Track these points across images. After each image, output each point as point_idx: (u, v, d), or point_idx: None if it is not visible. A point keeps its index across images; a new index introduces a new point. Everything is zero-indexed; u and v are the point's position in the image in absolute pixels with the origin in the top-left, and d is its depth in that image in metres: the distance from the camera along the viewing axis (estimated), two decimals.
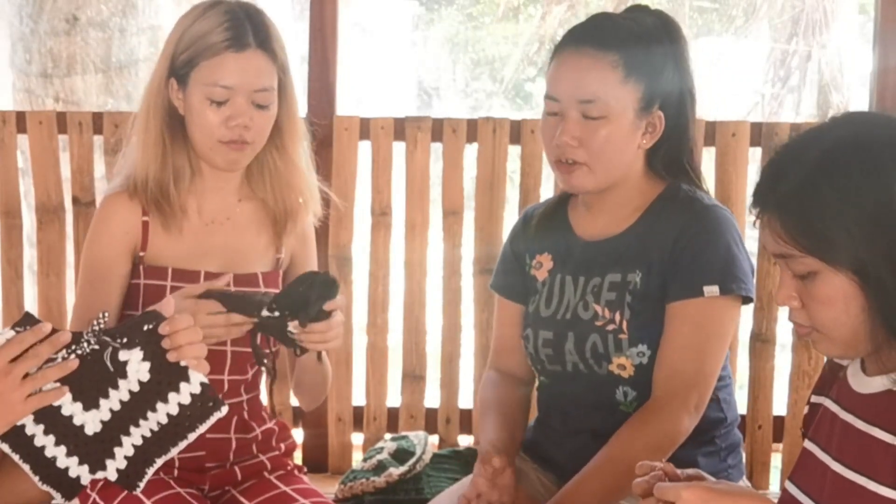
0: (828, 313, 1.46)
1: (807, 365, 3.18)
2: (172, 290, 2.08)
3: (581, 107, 1.99)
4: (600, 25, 2.06)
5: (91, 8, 4.67)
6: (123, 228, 2.13)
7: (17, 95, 4.83)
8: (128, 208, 2.13)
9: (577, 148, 2.01)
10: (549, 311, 2.12)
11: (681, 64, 2.06)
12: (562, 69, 2.03)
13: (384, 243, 3.22)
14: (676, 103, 2.05)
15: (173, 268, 2.13)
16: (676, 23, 2.09)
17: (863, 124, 1.49)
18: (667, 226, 2.03)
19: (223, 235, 2.19)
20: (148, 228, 2.14)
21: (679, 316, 1.99)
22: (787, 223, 1.45)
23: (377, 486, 2.58)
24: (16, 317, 3.29)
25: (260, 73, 2.09)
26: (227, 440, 2.19)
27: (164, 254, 2.14)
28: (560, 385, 2.13)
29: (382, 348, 3.26)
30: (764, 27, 9.81)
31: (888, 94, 3.16)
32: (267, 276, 2.20)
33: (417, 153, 3.20)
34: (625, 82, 1.99)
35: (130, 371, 1.66)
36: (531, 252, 2.19)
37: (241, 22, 2.08)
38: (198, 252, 2.16)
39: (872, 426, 1.45)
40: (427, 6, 11.27)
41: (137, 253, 2.14)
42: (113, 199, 2.15)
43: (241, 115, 2.07)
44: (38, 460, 1.67)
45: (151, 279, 2.13)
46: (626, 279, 2.04)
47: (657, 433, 1.95)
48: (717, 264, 1.99)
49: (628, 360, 2.03)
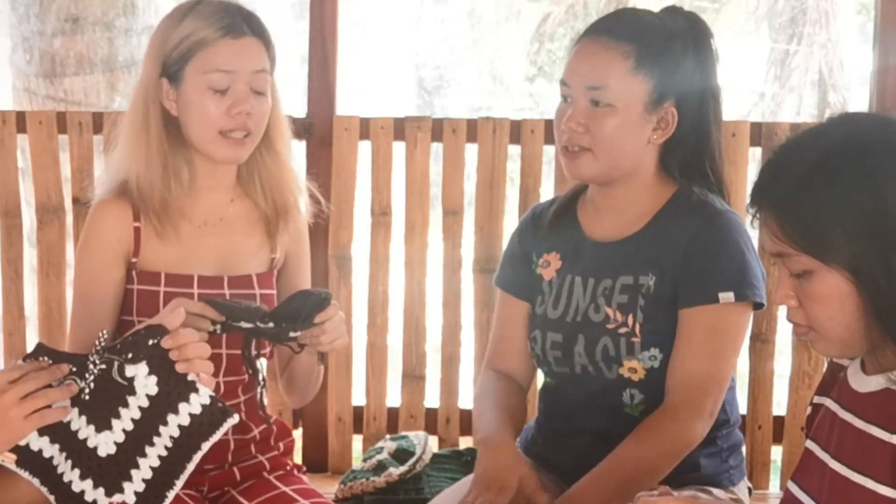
0: (824, 312, 1.47)
1: (807, 365, 3.18)
2: (165, 295, 2.08)
3: (589, 93, 2.00)
4: (621, 17, 2.09)
5: (91, 8, 4.66)
6: (116, 236, 2.11)
7: (17, 95, 4.83)
8: (119, 215, 2.11)
9: (584, 134, 2.00)
10: (557, 312, 2.10)
11: (705, 67, 2.04)
12: (577, 56, 2.04)
13: (384, 243, 3.22)
14: (697, 105, 2.04)
15: (166, 272, 2.11)
16: (707, 27, 2.07)
17: (860, 125, 1.50)
18: (679, 230, 2.02)
19: (216, 237, 2.17)
20: (140, 234, 2.12)
21: (693, 322, 1.99)
22: (783, 222, 1.46)
23: (377, 486, 2.58)
24: (16, 317, 3.31)
25: (258, 56, 2.10)
26: (226, 441, 2.18)
27: (157, 258, 2.13)
28: (566, 387, 2.12)
29: (382, 348, 3.26)
30: (764, 27, 9.82)
31: (888, 94, 3.16)
32: (261, 276, 2.19)
33: (417, 153, 3.20)
34: (635, 73, 1.99)
35: (138, 386, 1.66)
36: (539, 250, 2.18)
37: (235, 13, 2.10)
38: (191, 255, 2.14)
39: (870, 424, 1.46)
40: (427, 6, 11.27)
41: (130, 259, 2.13)
42: (103, 207, 2.13)
43: (243, 101, 2.07)
44: (55, 484, 1.67)
45: (144, 285, 2.12)
46: (639, 282, 2.03)
47: (670, 439, 1.95)
48: (732, 270, 1.99)
49: (640, 363, 2.02)
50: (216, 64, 2.06)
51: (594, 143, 2.00)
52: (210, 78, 2.06)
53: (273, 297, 2.20)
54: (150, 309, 2.08)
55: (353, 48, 8.69)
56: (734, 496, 2.08)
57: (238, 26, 2.09)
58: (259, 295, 2.17)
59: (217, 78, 2.06)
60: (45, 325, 3.28)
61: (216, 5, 2.11)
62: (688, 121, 2.03)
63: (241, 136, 2.08)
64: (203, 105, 2.07)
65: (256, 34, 2.11)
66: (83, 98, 4.71)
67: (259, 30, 2.12)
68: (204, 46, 2.07)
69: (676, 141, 2.04)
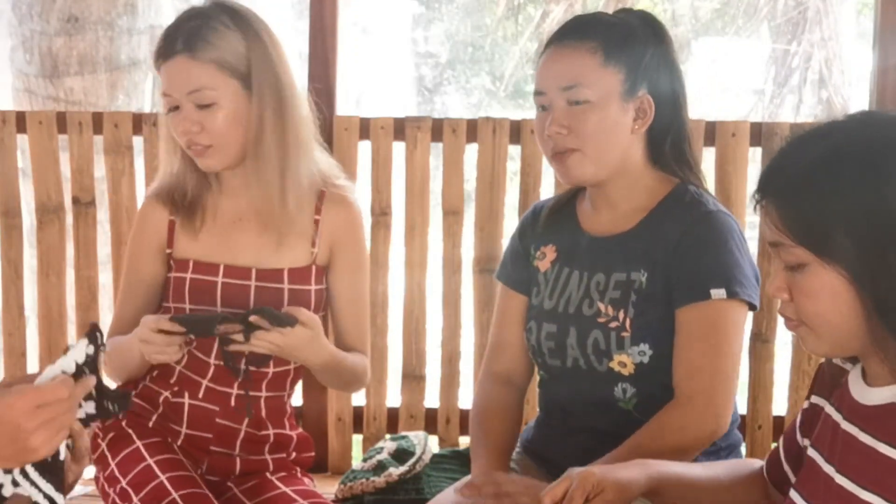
0: (813, 307, 1.46)
1: (807, 365, 3.18)
2: (192, 282, 2.23)
3: (565, 94, 2.04)
4: (580, 20, 2.15)
5: (91, 8, 4.66)
6: (154, 230, 2.29)
7: (17, 95, 4.83)
8: (154, 210, 2.29)
9: (568, 135, 2.04)
10: (552, 303, 2.13)
11: (666, 56, 2.09)
12: (546, 63, 2.09)
13: (384, 243, 3.22)
14: (669, 93, 2.08)
15: (194, 260, 2.25)
16: (661, 24, 2.13)
17: (875, 124, 1.49)
18: (670, 227, 2.04)
19: (251, 231, 2.25)
20: (174, 227, 2.28)
21: (689, 320, 2.00)
22: (783, 211, 1.46)
23: (377, 486, 2.58)
24: (16, 317, 3.30)
25: (189, 76, 2.13)
26: (236, 430, 2.21)
27: (189, 249, 2.27)
28: (559, 381, 2.14)
29: (382, 348, 3.26)
30: (764, 27, 9.82)
31: (888, 93, 3.16)
32: (295, 271, 2.23)
33: (417, 153, 3.20)
34: (605, 65, 2.03)
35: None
36: (536, 244, 2.21)
37: (173, 30, 2.16)
38: (221, 246, 2.25)
39: (879, 441, 1.44)
40: (427, 5, 11.27)
41: (165, 250, 2.28)
42: (144, 206, 2.34)
43: (184, 120, 2.15)
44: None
45: (176, 272, 2.25)
46: (631, 278, 2.05)
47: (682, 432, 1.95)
48: (722, 268, 2.00)
49: (629, 357, 2.03)
50: (163, 88, 2.17)
51: (580, 143, 2.03)
52: (164, 100, 2.18)
53: (307, 294, 2.23)
54: (178, 295, 2.23)
55: (353, 48, 8.69)
56: None
57: (171, 46, 2.15)
58: (287, 290, 2.21)
59: (164, 101, 2.18)
60: (45, 325, 3.28)
61: (170, 25, 2.19)
62: (664, 109, 2.07)
63: (199, 149, 2.17)
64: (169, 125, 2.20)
65: (189, 49, 2.12)
66: (83, 98, 4.70)
67: (192, 43, 2.12)
68: (158, 73, 2.19)
69: (659, 131, 2.08)
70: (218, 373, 2.22)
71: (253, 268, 2.22)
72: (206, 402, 2.23)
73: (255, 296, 2.20)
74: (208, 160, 2.18)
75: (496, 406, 2.19)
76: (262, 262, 2.23)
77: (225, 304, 2.20)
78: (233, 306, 2.19)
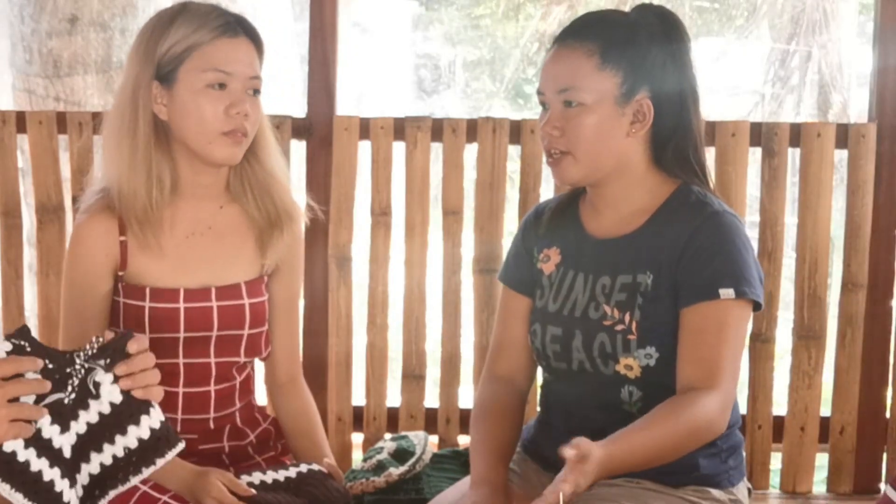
0: None
1: (807, 365, 3.18)
2: (151, 310, 2.08)
3: (561, 96, 2.04)
4: (586, 19, 2.13)
5: (91, 8, 4.67)
6: (103, 251, 2.10)
7: (17, 95, 4.83)
8: (106, 228, 2.10)
9: (560, 137, 2.04)
10: (556, 306, 2.12)
11: (677, 57, 2.06)
12: (547, 64, 2.09)
13: (384, 243, 3.22)
14: (674, 95, 2.06)
15: (151, 287, 2.10)
16: (679, 20, 2.10)
17: None
18: (677, 229, 2.03)
19: (204, 247, 2.16)
20: (126, 248, 2.10)
21: (695, 318, 1.99)
22: None
23: (377, 486, 2.58)
24: (16, 317, 3.30)
25: (252, 60, 2.10)
26: (220, 448, 2.19)
27: (144, 272, 2.12)
28: (564, 383, 2.13)
29: (382, 348, 3.26)
30: (764, 27, 9.81)
31: (888, 94, 3.16)
32: (250, 284, 2.18)
33: (417, 153, 3.20)
34: (601, 69, 2.02)
35: (103, 392, 1.62)
36: (539, 246, 2.20)
37: (227, 14, 2.10)
38: (178, 268, 2.13)
39: None
40: (427, 6, 11.26)
41: (117, 272, 2.12)
42: (89, 223, 2.11)
43: (241, 102, 2.06)
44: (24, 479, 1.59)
45: (130, 299, 2.11)
46: (637, 280, 2.04)
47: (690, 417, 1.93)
48: (731, 269, 1.99)
49: (636, 360, 2.02)
50: (213, 63, 2.05)
51: (571, 145, 2.03)
52: (207, 76, 2.05)
53: (263, 305, 2.19)
54: (135, 323, 2.08)
55: (353, 48, 8.68)
56: (732, 496, 2.08)
57: (233, 26, 2.09)
58: (248, 304, 2.16)
59: (214, 76, 2.05)
60: (44, 325, 3.27)
61: (208, 6, 2.10)
62: (668, 112, 2.05)
63: (239, 136, 2.08)
64: (200, 105, 2.05)
65: (250, 36, 2.11)
66: (83, 98, 4.71)
67: (252, 32, 2.12)
68: (200, 46, 2.05)
69: (663, 134, 2.06)
70: (187, 402, 2.14)
71: (212, 287, 2.13)
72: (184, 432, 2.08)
73: (218, 318, 2.12)
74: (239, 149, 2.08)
75: (497, 407, 2.18)
76: (219, 277, 2.14)
77: (188, 330, 2.10)
78: (196, 331, 2.10)
